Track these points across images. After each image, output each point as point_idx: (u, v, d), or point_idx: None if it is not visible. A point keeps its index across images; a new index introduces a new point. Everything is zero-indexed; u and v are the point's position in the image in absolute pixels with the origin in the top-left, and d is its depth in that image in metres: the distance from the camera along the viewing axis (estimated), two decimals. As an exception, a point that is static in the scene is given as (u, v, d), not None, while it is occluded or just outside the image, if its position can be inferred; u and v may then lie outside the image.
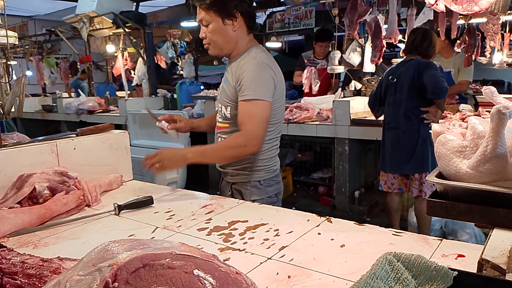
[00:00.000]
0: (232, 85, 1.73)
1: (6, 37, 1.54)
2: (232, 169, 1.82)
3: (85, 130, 1.80)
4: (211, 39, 1.73)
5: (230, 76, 1.76)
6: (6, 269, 0.84)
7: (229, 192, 1.85)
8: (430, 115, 2.96)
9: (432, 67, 2.97)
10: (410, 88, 3.01)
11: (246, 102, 1.66)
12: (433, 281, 0.74)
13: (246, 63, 1.70)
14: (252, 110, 1.65)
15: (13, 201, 1.39)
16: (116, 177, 1.76)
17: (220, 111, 1.83)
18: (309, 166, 4.75)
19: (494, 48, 4.85)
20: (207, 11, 1.67)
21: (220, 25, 1.69)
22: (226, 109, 1.78)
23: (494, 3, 1.96)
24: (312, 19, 5.72)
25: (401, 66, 3.15)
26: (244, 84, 1.66)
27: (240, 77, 1.68)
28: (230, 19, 1.69)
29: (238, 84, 1.69)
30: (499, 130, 0.80)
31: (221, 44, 1.74)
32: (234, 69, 1.74)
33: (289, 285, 0.91)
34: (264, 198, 1.79)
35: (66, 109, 5.96)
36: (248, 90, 1.65)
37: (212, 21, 1.69)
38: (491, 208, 0.85)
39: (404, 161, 3.06)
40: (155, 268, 0.66)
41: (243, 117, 1.67)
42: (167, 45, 6.31)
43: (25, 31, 9.21)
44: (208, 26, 1.70)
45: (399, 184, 3.21)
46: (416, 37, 3.13)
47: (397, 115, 3.08)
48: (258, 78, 1.67)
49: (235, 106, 1.73)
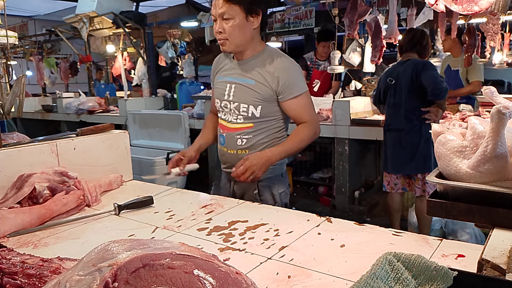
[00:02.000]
0: (265, 84, 1.74)
1: (6, 37, 1.54)
2: None
3: (85, 130, 1.80)
4: (231, 34, 1.68)
5: (257, 75, 1.75)
6: (6, 269, 0.84)
7: (255, 191, 1.82)
8: (431, 115, 2.95)
9: (430, 67, 2.96)
10: (409, 90, 3.00)
11: (298, 98, 1.74)
12: (433, 281, 0.74)
13: (281, 62, 1.75)
14: (305, 102, 1.77)
15: (13, 201, 1.39)
16: (116, 177, 1.76)
17: (241, 111, 1.78)
18: (309, 166, 4.75)
19: (494, 48, 4.85)
20: (233, 5, 1.64)
21: (243, 21, 1.67)
22: (255, 108, 1.77)
23: (494, 3, 1.96)
24: (312, 19, 5.72)
25: (398, 66, 3.14)
26: (290, 82, 1.73)
27: (282, 77, 1.72)
28: (253, 16, 1.68)
29: (280, 84, 1.72)
30: (499, 130, 0.80)
31: (240, 40, 1.71)
32: (263, 68, 1.74)
33: (289, 285, 0.91)
34: (285, 189, 1.88)
35: (66, 109, 5.96)
36: (296, 87, 1.74)
37: (235, 16, 1.65)
38: (491, 208, 0.85)
39: (407, 162, 3.05)
40: (155, 268, 0.66)
41: (302, 110, 1.77)
42: (167, 45, 6.30)
43: (25, 31, 9.21)
44: (229, 20, 1.66)
45: (402, 184, 3.21)
46: (414, 35, 3.13)
47: (397, 116, 3.08)
48: (297, 73, 1.78)
49: (268, 105, 1.76)
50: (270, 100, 1.76)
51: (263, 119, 1.78)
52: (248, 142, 1.80)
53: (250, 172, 1.65)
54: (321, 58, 5.23)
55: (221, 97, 1.84)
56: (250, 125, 1.79)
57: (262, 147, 1.80)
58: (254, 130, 1.79)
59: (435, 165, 3.10)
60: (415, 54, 3.10)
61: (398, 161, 3.12)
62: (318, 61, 5.23)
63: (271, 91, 1.74)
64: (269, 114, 1.79)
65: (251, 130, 1.79)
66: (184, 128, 4.46)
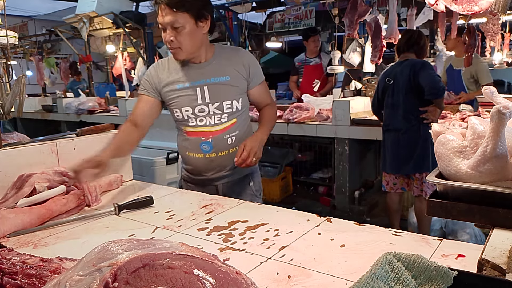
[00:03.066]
0: (240, 77, 1.79)
1: (6, 37, 1.54)
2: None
3: (85, 130, 1.80)
4: (183, 43, 1.64)
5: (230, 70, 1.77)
6: (6, 269, 0.84)
7: (250, 183, 1.91)
8: (430, 114, 2.96)
9: (428, 67, 2.97)
10: (407, 90, 3.01)
11: (262, 84, 1.90)
12: (433, 281, 0.74)
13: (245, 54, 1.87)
14: (265, 87, 1.94)
15: (13, 201, 1.40)
16: (116, 177, 1.76)
17: (224, 110, 1.77)
18: (309, 166, 4.75)
19: (494, 48, 4.86)
20: (181, 13, 1.58)
21: (193, 27, 1.63)
22: (238, 102, 1.80)
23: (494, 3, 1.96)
24: (312, 19, 5.73)
25: (396, 66, 3.15)
26: (256, 71, 1.85)
27: (251, 66, 1.83)
28: (202, 21, 1.65)
29: (250, 73, 1.83)
30: (499, 130, 0.80)
31: (192, 47, 1.68)
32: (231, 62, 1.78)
33: (289, 285, 0.91)
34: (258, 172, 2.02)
35: (66, 109, 5.96)
36: (260, 74, 1.89)
37: (185, 23, 1.60)
38: (491, 208, 0.85)
39: (405, 162, 3.06)
40: (155, 268, 0.66)
41: (265, 94, 1.93)
42: (167, 45, 6.29)
43: (25, 31, 9.20)
44: (179, 29, 1.61)
45: (401, 184, 3.22)
46: (412, 36, 3.15)
47: (396, 116, 3.08)
48: (257, 62, 1.93)
49: (244, 96, 1.85)
50: (244, 91, 1.85)
51: (242, 111, 1.84)
52: (237, 139, 1.81)
53: (253, 154, 1.67)
54: (311, 55, 5.47)
55: (192, 103, 1.75)
56: (234, 121, 1.81)
57: (245, 138, 1.79)
58: (238, 124, 1.82)
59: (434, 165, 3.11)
60: (413, 54, 3.11)
61: (396, 161, 3.13)
62: (308, 58, 5.40)
63: (245, 81, 1.82)
64: (246, 104, 1.88)
65: (236, 126, 1.81)
66: (184, 128, 4.46)
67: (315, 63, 5.42)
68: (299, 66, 5.53)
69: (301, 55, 5.60)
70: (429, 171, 3.10)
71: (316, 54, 5.43)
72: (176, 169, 4.17)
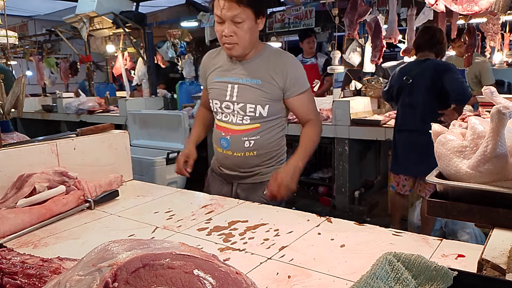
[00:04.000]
0: (273, 83, 1.73)
1: (6, 37, 1.54)
2: (265, 167, 1.82)
3: (85, 130, 1.80)
4: (242, 38, 1.63)
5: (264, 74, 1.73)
6: (6, 269, 0.84)
7: (264, 192, 1.77)
8: (447, 118, 2.83)
9: (453, 70, 2.86)
10: (429, 91, 2.89)
11: (303, 94, 1.77)
12: (433, 281, 0.74)
13: (287, 59, 1.76)
14: (310, 98, 1.81)
15: (13, 201, 1.39)
16: (116, 177, 1.76)
17: (247, 112, 1.75)
18: (309, 166, 4.74)
19: (494, 48, 4.86)
20: (245, 8, 1.58)
21: (253, 23, 1.64)
22: (263, 108, 1.74)
23: (494, 3, 1.96)
24: (312, 19, 5.72)
25: (416, 66, 3.03)
26: (297, 78, 1.74)
27: (290, 74, 1.72)
28: (260, 18, 1.66)
29: (287, 80, 1.73)
30: (499, 130, 0.80)
31: (250, 43, 1.68)
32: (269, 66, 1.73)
33: (289, 285, 0.91)
34: None
35: (66, 109, 5.96)
36: (302, 82, 1.76)
37: (246, 19, 1.60)
38: (491, 208, 0.85)
39: (417, 164, 2.95)
40: (155, 268, 0.66)
41: (307, 106, 1.80)
42: (167, 45, 6.30)
43: (25, 31, 9.20)
44: (241, 24, 1.61)
45: (410, 185, 3.16)
46: (434, 34, 3.01)
47: (413, 117, 2.97)
48: (302, 70, 1.80)
49: (275, 104, 1.76)
50: (277, 99, 1.76)
51: (269, 118, 1.77)
52: (256, 144, 1.77)
53: (284, 188, 1.64)
54: (308, 56, 5.60)
55: (221, 98, 1.79)
56: (257, 126, 1.76)
57: (269, 147, 1.80)
58: (261, 130, 1.77)
59: None
60: (433, 54, 3.00)
61: (408, 162, 3.04)
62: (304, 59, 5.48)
63: (279, 89, 1.73)
64: (275, 113, 1.78)
65: (258, 131, 1.76)
66: (184, 128, 4.46)
67: (310, 63, 5.51)
68: None
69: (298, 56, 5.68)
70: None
71: (313, 55, 5.54)
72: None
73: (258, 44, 1.76)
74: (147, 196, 1.64)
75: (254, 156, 1.78)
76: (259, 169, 1.82)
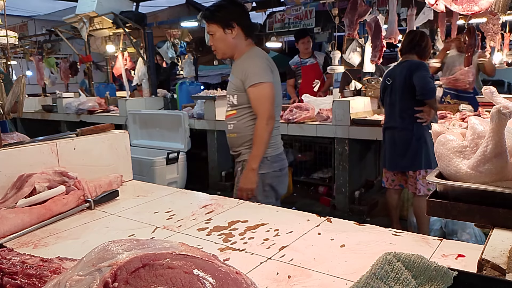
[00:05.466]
0: (238, 78, 2.13)
1: (6, 37, 1.54)
2: (244, 148, 2.19)
3: (85, 130, 1.80)
4: (215, 45, 2.17)
5: (236, 71, 2.16)
6: (6, 269, 0.84)
7: (239, 168, 2.19)
8: (424, 114, 3.05)
9: (422, 68, 3.05)
10: (403, 90, 3.11)
11: (253, 87, 2.07)
12: (433, 281, 0.74)
13: (247, 58, 2.14)
14: (260, 93, 2.07)
15: (13, 201, 1.39)
16: (116, 177, 1.76)
17: (229, 101, 2.22)
18: (309, 166, 4.74)
19: (494, 48, 4.85)
20: (212, 23, 2.12)
21: (222, 34, 2.12)
22: (233, 97, 2.19)
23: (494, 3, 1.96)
24: (312, 19, 5.73)
25: (396, 67, 3.25)
26: (249, 73, 2.07)
27: (245, 69, 2.09)
28: (229, 29, 2.11)
29: (243, 75, 2.09)
30: (499, 130, 0.80)
31: (223, 49, 2.17)
32: (239, 65, 2.15)
33: (289, 285, 0.91)
34: (270, 172, 2.17)
35: (66, 109, 5.96)
36: (255, 76, 2.07)
37: (216, 31, 2.12)
38: (491, 208, 0.85)
39: (399, 159, 3.17)
40: (155, 268, 0.66)
41: (255, 102, 2.09)
42: (167, 45, 6.30)
43: (25, 31, 9.20)
44: (213, 35, 2.14)
45: (399, 180, 3.31)
46: (414, 37, 3.23)
47: (393, 115, 3.19)
48: (261, 65, 2.10)
49: (241, 95, 2.14)
50: (242, 90, 2.13)
51: (240, 107, 2.16)
52: (235, 127, 2.21)
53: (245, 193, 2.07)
54: (305, 56, 5.57)
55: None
56: (234, 112, 2.21)
57: (245, 131, 2.17)
58: (237, 116, 2.19)
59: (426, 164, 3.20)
60: (415, 56, 3.18)
61: (393, 158, 3.23)
62: (302, 60, 5.46)
63: (241, 81, 2.11)
64: (244, 102, 2.15)
65: (235, 116, 2.20)
66: (184, 128, 4.46)
67: (311, 63, 5.50)
68: (296, 69, 5.60)
69: (295, 57, 5.70)
70: (422, 169, 3.15)
71: (310, 55, 5.53)
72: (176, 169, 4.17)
73: (244, 47, 2.18)
74: (147, 196, 1.64)
75: (236, 137, 2.22)
76: (240, 149, 2.21)
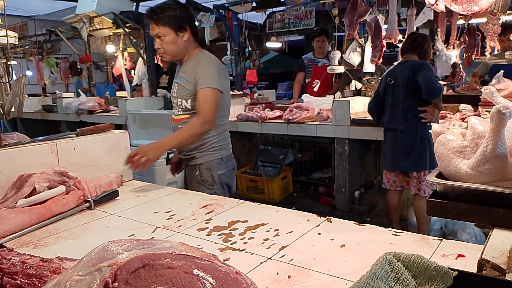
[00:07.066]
0: (190, 82, 2.08)
1: (6, 37, 1.54)
2: (198, 152, 2.15)
3: (85, 130, 1.80)
4: (165, 48, 2.09)
5: (187, 75, 2.11)
6: (6, 269, 0.84)
7: (196, 172, 2.15)
8: (428, 114, 3.02)
9: (426, 67, 3.03)
10: (406, 89, 3.07)
11: (202, 90, 2.04)
12: (433, 281, 0.74)
13: (201, 61, 2.09)
14: (208, 96, 2.04)
15: (13, 201, 1.39)
16: (116, 177, 1.76)
17: (180, 105, 2.16)
18: (309, 166, 4.75)
19: (494, 48, 4.86)
20: (163, 26, 2.04)
21: (174, 37, 2.07)
22: (187, 102, 2.13)
23: (494, 3, 1.96)
24: (312, 19, 5.72)
25: (398, 67, 3.22)
26: (201, 76, 2.05)
27: (197, 72, 2.06)
28: (181, 31, 2.07)
29: (195, 78, 2.06)
30: (499, 130, 0.80)
31: (174, 52, 2.11)
32: (191, 68, 2.10)
33: (289, 285, 0.91)
34: (225, 171, 2.21)
35: (66, 109, 5.95)
36: (205, 80, 2.04)
37: (166, 34, 2.05)
38: (491, 208, 0.85)
39: (403, 160, 3.12)
40: (155, 268, 0.66)
41: (200, 103, 2.06)
42: (167, 45, 6.29)
43: (25, 31, 9.19)
44: (163, 38, 2.06)
45: (400, 182, 3.27)
46: (416, 38, 3.22)
47: (395, 115, 3.15)
48: (212, 69, 2.07)
49: (195, 99, 2.09)
50: (195, 94, 2.08)
51: (194, 111, 2.11)
52: None
53: (140, 155, 1.86)
54: (319, 56, 5.42)
55: (172, 94, 2.24)
56: (187, 116, 2.16)
57: None
58: (190, 120, 2.13)
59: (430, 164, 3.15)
60: (415, 56, 3.17)
61: (395, 159, 3.19)
62: (316, 59, 5.36)
63: (193, 84, 2.08)
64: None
65: (187, 120, 2.14)
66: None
67: (322, 64, 5.32)
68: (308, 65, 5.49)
69: (309, 54, 5.54)
70: (426, 170, 3.10)
71: (324, 55, 5.36)
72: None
73: (193, 50, 2.15)
74: (147, 196, 1.64)
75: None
76: (193, 153, 2.17)
